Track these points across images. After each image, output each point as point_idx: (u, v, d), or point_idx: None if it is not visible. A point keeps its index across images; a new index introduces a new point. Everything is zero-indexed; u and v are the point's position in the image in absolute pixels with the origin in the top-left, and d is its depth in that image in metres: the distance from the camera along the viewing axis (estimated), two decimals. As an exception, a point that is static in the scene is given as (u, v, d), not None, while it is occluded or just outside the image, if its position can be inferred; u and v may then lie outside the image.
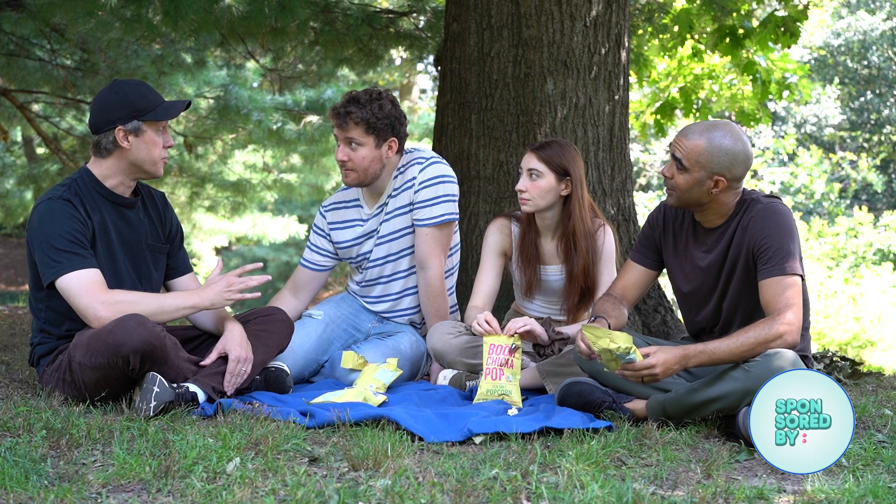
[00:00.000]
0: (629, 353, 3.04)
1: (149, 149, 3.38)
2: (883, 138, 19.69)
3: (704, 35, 7.42)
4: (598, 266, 3.88)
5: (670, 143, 3.31)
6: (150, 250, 3.52)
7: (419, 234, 4.01)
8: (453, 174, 4.05)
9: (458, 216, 4.07)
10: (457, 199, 4.04)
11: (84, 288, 3.23)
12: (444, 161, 4.08)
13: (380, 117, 3.90)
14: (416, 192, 3.98)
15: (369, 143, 3.92)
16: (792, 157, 17.96)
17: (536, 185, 3.81)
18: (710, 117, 8.26)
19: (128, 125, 3.34)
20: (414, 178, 3.99)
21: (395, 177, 4.04)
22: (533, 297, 4.01)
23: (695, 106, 8.27)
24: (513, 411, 3.29)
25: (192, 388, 3.25)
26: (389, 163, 4.01)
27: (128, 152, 3.37)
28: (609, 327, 3.30)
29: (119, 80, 3.51)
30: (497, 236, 3.97)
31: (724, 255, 3.31)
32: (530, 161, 3.84)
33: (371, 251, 4.11)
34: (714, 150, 3.20)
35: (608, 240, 3.90)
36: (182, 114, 9.18)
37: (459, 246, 4.24)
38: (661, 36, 7.55)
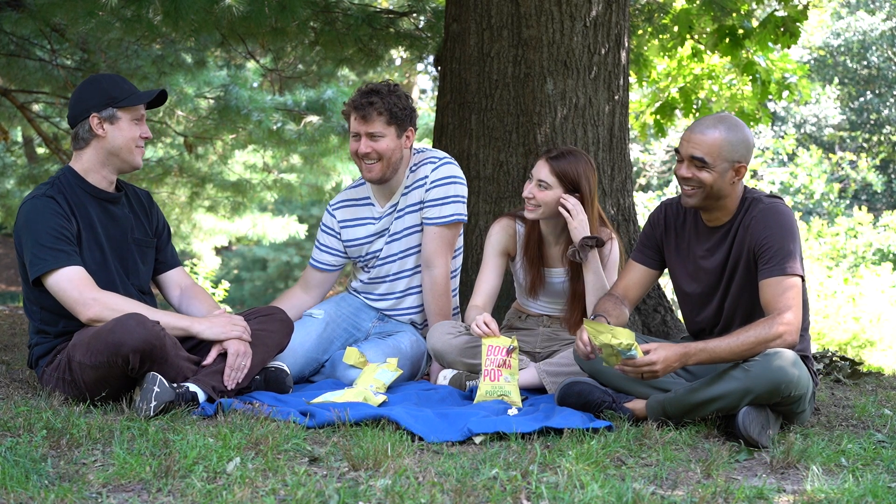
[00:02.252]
0: (630, 350, 3.04)
1: (124, 136, 3.42)
2: (882, 138, 19.69)
3: (704, 35, 7.42)
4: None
5: (680, 148, 3.29)
6: (137, 244, 3.53)
7: (427, 232, 4.02)
8: (464, 177, 4.08)
9: (466, 218, 4.08)
10: (466, 201, 4.06)
11: (72, 284, 3.25)
12: (456, 163, 4.10)
13: (400, 107, 3.93)
14: (427, 190, 4.00)
15: (390, 134, 3.93)
16: (792, 157, 17.96)
17: (544, 194, 3.80)
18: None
19: (102, 112, 3.39)
20: (426, 176, 4.01)
21: (407, 175, 4.05)
22: (537, 297, 4.01)
23: (694, 106, 8.27)
24: (513, 411, 3.30)
25: (193, 387, 3.25)
26: (405, 156, 4.03)
27: (104, 140, 3.41)
28: (608, 324, 3.30)
29: (96, 74, 3.56)
30: (500, 236, 3.97)
31: (726, 255, 3.31)
32: (541, 171, 3.80)
33: (381, 249, 4.12)
34: (731, 139, 3.23)
35: (614, 250, 3.89)
36: (181, 114, 9.24)
37: (462, 249, 4.24)
38: (661, 36, 7.55)
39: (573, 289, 3.90)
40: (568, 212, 3.74)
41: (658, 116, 8.30)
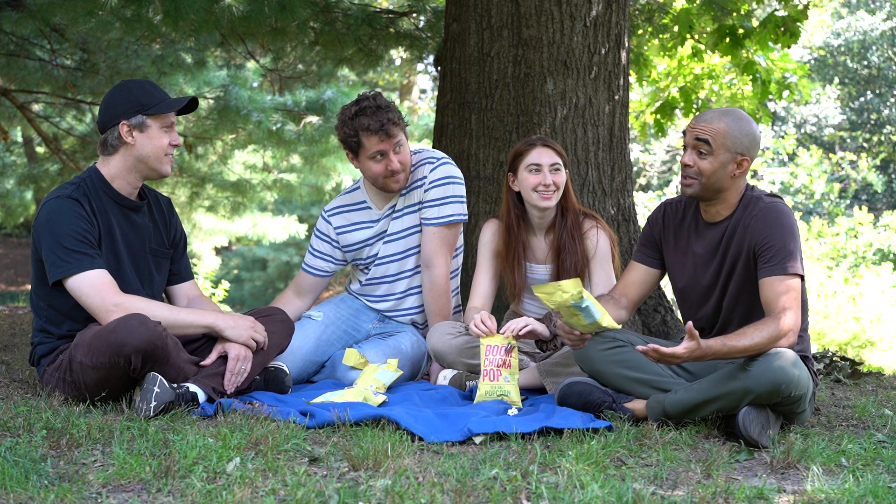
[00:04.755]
0: (582, 298, 3.05)
1: (153, 144, 3.39)
2: (883, 138, 19.69)
3: (704, 35, 7.42)
4: (591, 265, 3.86)
5: (687, 132, 3.33)
6: (153, 254, 3.52)
7: (426, 232, 4.02)
8: (462, 176, 4.08)
9: (466, 218, 4.08)
10: (465, 201, 4.06)
11: (96, 288, 3.24)
12: (454, 163, 4.10)
13: (401, 112, 3.97)
14: (425, 190, 4.00)
15: (405, 140, 3.97)
16: (792, 157, 17.96)
17: (561, 176, 3.84)
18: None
19: (132, 120, 3.36)
20: (424, 177, 4.02)
21: None
22: (521, 300, 3.99)
23: (695, 106, 8.27)
24: (513, 411, 3.29)
25: (193, 388, 3.25)
26: None
27: (133, 148, 3.38)
28: None
29: (127, 79, 3.53)
30: (491, 237, 3.97)
31: (724, 253, 3.31)
32: (551, 155, 3.82)
33: (380, 250, 4.12)
34: (736, 130, 3.25)
35: (602, 240, 3.88)
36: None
37: (462, 248, 4.24)
38: (661, 36, 7.55)
39: (555, 270, 3.89)
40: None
41: (658, 116, 8.30)
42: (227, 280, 14.50)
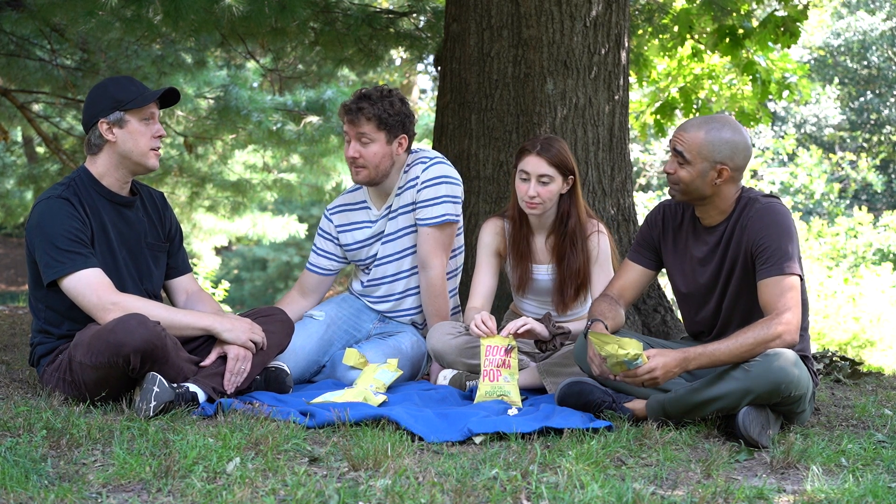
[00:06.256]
0: (637, 360, 3.04)
1: (135, 139, 3.39)
2: (883, 138, 19.70)
3: (704, 35, 7.42)
4: (591, 268, 3.86)
5: (670, 140, 3.33)
6: (150, 249, 3.53)
7: (421, 233, 4.02)
8: (457, 176, 4.05)
9: (460, 218, 4.07)
10: (459, 201, 4.03)
11: (92, 287, 3.24)
12: (449, 163, 4.08)
13: (391, 113, 3.92)
14: (418, 191, 3.99)
15: (380, 140, 3.93)
16: (792, 157, 17.96)
17: (549, 189, 3.77)
18: (709, 117, 8.23)
19: (110, 117, 3.37)
20: (417, 177, 4.00)
21: (401, 176, 4.05)
22: (525, 295, 3.99)
23: (695, 106, 8.27)
24: (513, 411, 3.29)
25: (192, 387, 3.25)
26: (398, 161, 4.02)
27: (115, 145, 3.39)
28: (606, 328, 3.29)
29: (107, 77, 3.54)
30: (491, 237, 3.97)
31: (723, 255, 3.31)
32: (540, 166, 3.75)
33: (378, 251, 4.12)
34: (714, 140, 3.22)
35: (603, 243, 3.86)
36: (181, 114, 9.24)
37: (462, 249, 4.23)
38: (661, 36, 7.55)
39: (559, 276, 3.89)
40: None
41: (658, 116, 8.30)
42: (227, 280, 14.51)
